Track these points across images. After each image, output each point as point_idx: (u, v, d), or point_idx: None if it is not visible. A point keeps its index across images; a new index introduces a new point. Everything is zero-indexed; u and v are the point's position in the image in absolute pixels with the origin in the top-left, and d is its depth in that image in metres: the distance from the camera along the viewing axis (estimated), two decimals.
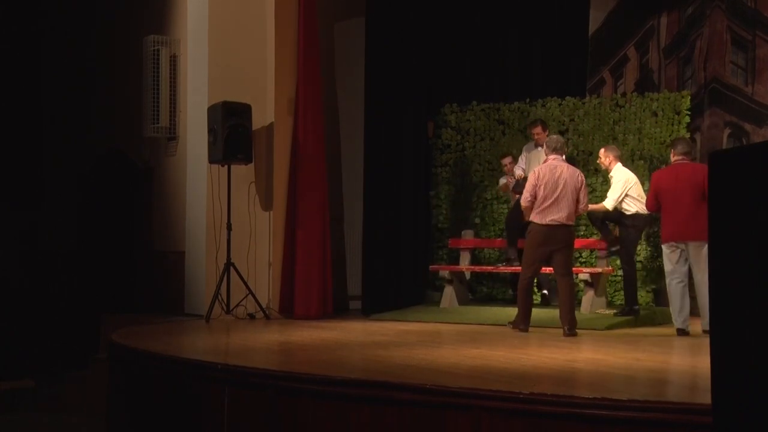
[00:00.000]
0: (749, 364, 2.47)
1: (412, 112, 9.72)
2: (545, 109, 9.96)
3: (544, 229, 7.00)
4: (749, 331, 2.47)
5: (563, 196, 7.00)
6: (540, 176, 7.07)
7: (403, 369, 5.04)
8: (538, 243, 7.07)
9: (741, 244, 2.51)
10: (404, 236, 9.51)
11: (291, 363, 5.65)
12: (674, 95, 9.45)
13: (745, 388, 2.46)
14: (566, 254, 7.11)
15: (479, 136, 10.24)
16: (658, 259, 8.90)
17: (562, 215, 6.99)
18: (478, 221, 10.06)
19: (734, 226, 2.54)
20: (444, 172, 10.28)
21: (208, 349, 6.44)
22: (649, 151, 9.36)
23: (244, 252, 8.54)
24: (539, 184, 7.05)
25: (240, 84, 8.62)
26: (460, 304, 9.08)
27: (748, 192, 2.49)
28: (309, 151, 8.75)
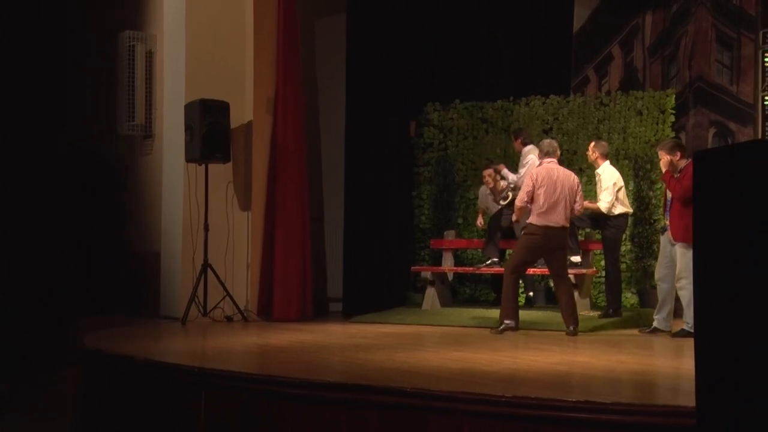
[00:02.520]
0: (734, 365, 2.50)
1: (394, 110, 9.73)
2: (529, 107, 10.00)
3: (544, 231, 7.08)
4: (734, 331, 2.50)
5: (561, 198, 7.09)
6: (538, 179, 7.16)
7: (384, 372, 5.04)
8: (537, 246, 7.13)
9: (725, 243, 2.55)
10: (386, 237, 9.53)
11: (269, 366, 5.64)
12: (659, 94, 9.51)
13: (729, 390, 2.47)
14: (563, 255, 7.22)
15: (462, 134, 10.25)
16: (644, 260, 9.01)
17: (561, 217, 7.08)
18: (460, 221, 10.08)
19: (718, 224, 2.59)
20: (426, 172, 10.29)
21: (184, 352, 6.40)
22: (634, 150, 9.41)
23: (222, 253, 8.52)
24: (537, 186, 7.12)
25: (218, 81, 8.58)
26: (442, 305, 9.09)
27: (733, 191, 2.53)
28: (288, 150, 8.73)
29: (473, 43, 10.40)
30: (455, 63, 10.41)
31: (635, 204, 9.04)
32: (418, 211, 10.26)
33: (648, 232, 9.07)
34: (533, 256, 7.33)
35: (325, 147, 9.90)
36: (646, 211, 9.12)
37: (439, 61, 10.34)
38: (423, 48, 10.12)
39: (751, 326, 2.43)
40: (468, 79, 10.39)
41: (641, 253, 9.11)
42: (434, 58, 10.30)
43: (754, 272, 2.43)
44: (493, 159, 9.65)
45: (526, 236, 7.23)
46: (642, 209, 9.08)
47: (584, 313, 8.26)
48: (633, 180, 9.11)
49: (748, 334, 2.45)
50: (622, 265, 9.20)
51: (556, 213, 7.08)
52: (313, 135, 9.67)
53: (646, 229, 9.09)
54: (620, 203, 8.07)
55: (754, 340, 2.41)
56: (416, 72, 10.05)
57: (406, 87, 9.87)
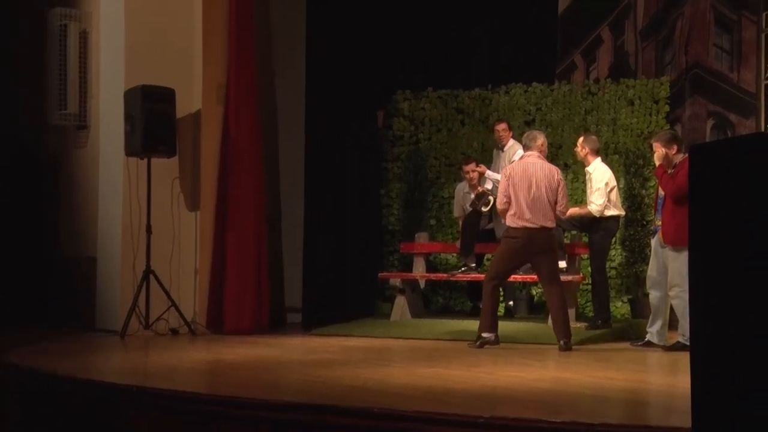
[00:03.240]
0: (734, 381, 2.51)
1: (360, 99, 9.75)
2: (509, 96, 10.04)
3: (522, 233, 7.11)
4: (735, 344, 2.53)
5: (537, 196, 7.10)
6: (512, 176, 7.18)
7: (349, 391, 5.04)
8: (517, 250, 7.15)
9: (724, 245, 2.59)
10: (350, 240, 9.54)
11: (220, 385, 5.61)
12: (652, 82, 9.59)
13: (728, 410, 2.50)
14: (551, 260, 7.20)
15: (435, 126, 10.28)
16: (635, 265, 9.11)
17: (539, 217, 7.09)
18: (433, 223, 10.12)
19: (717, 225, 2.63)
20: (395, 167, 10.31)
21: (123, 369, 6.36)
22: (625, 144, 9.49)
23: (167, 258, 8.48)
24: (511, 184, 7.16)
25: (162, 66, 8.52)
26: (413, 316, 9.11)
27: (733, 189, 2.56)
28: (242, 143, 8.71)
29: (447, 26, 10.44)
30: (428, 47, 10.45)
31: (626, 203, 9.11)
32: (386, 211, 10.27)
33: (640, 235, 9.16)
34: (514, 262, 7.35)
35: (283, 140, 9.86)
36: (638, 212, 9.20)
37: (409, 45, 10.37)
38: (392, 31, 10.15)
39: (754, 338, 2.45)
40: (442, 64, 10.44)
41: (632, 258, 9.19)
42: (404, 42, 10.33)
43: (757, 278, 2.45)
44: (470, 154, 9.71)
45: (505, 240, 7.27)
46: (633, 209, 9.16)
47: (571, 323, 8.29)
48: (624, 177, 9.18)
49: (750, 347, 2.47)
50: (612, 272, 9.30)
51: (534, 212, 7.10)
52: (270, 126, 9.63)
53: (638, 231, 9.18)
54: (612, 205, 8.14)
55: (757, 353, 2.43)
56: (384, 57, 10.07)
57: (373, 74, 9.89)
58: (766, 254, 2.45)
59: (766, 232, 2.46)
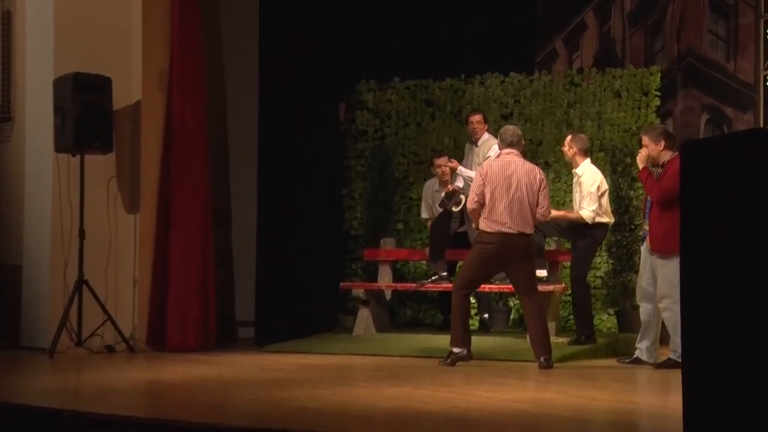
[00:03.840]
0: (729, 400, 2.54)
1: (320, 90, 9.73)
2: (484, 87, 10.03)
3: (496, 238, 7.11)
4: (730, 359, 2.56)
5: (517, 198, 7.12)
6: (488, 174, 7.16)
7: (305, 413, 5.03)
8: (490, 257, 7.16)
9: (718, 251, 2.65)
10: (309, 246, 9.52)
11: (162, 408, 5.58)
12: (641, 72, 9.61)
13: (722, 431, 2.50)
14: (528, 268, 7.23)
15: (403, 120, 10.26)
16: (622, 274, 9.16)
17: (518, 221, 7.11)
18: (401, 227, 10.11)
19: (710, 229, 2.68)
20: (359, 165, 10.29)
21: (52, 392, 6.30)
22: (611, 140, 9.50)
23: (102, 266, 8.42)
24: (487, 182, 7.14)
25: (96, 51, 8.46)
26: (378, 330, 9.11)
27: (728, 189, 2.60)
28: (187, 137, 8.67)
29: (416, 10, 10.43)
30: (394, 33, 10.41)
31: (613, 206, 9.05)
32: (348, 213, 10.25)
33: (628, 240, 9.19)
34: (486, 270, 7.36)
35: (234, 135, 9.84)
36: (626, 215, 9.23)
37: (374, 31, 10.32)
38: (355, 15, 10.12)
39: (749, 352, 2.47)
40: (410, 52, 10.41)
41: (619, 266, 9.23)
42: (368, 28, 10.28)
43: (755, 285, 2.48)
44: (442, 150, 9.69)
45: (477, 246, 7.29)
46: (621, 212, 9.18)
47: (552, 339, 8.29)
48: (610, 177, 9.19)
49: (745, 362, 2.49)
50: (597, 281, 9.35)
51: (512, 216, 7.11)
52: (219, 119, 9.60)
53: (626, 236, 9.21)
54: (603, 212, 8.20)
55: (753, 369, 2.45)
56: (347, 43, 10.03)
57: (334, 62, 9.87)
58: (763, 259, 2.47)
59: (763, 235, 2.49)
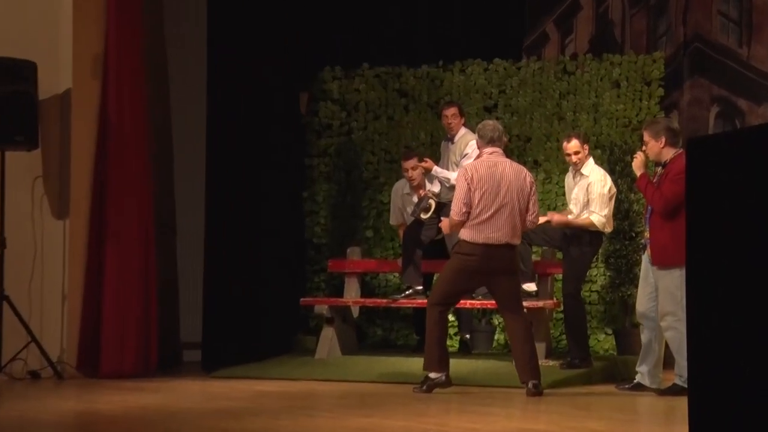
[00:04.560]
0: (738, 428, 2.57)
1: (277, 79, 9.72)
2: (465, 75, 10.04)
3: (481, 249, 7.06)
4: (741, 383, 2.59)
5: (507, 204, 7.09)
6: (475, 178, 7.08)
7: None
8: (471, 270, 7.12)
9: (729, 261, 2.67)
10: (265, 257, 9.51)
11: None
12: (643, 59, 9.63)
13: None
14: (514, 282, 7.25)
15: (372, 112, 10.27)
16: (621, 288, 9.19)
17: (506, 231, 7.09)
18: (370, 234, 10.12)
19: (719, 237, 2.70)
20: (322, 165, 10.28)
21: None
22: (609, 136, 9.53)
23: (25, 279, 8.34)
24: (474, 188, 7.07)
25: (19, 32, 8.38)
26: (344, 353, 9.10)
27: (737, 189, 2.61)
28: (126, 131, 8.61)
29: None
30: (363, 13, 10.45)
31: None
32: (310, 219, 10.24)
33: (628, 250, 9.21)
34: (466, 285, 7.32)
35: (179, 131, 9.77)
36: (626, 221, 9.23)
37: (340, 11, 10.37)
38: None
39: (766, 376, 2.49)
40: (381, 35, 10.45)
41: (618, 279, 9.23)
42: (334, 6, 10.33)
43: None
44: (413, 146, 9.65)
45: (456, 257, 7.23)
46: (620, 218, 9.17)
47: (541, 362, 8.25)
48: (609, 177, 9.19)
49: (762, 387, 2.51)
50: (592, 296, 9.37)
51: (499, 225, 7.07)
52: (162, 113, 9.55)
53: (626, 245, 9.22)
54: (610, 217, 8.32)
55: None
56: (308, 25, 10.04)
57: (294, 46, 9.87)
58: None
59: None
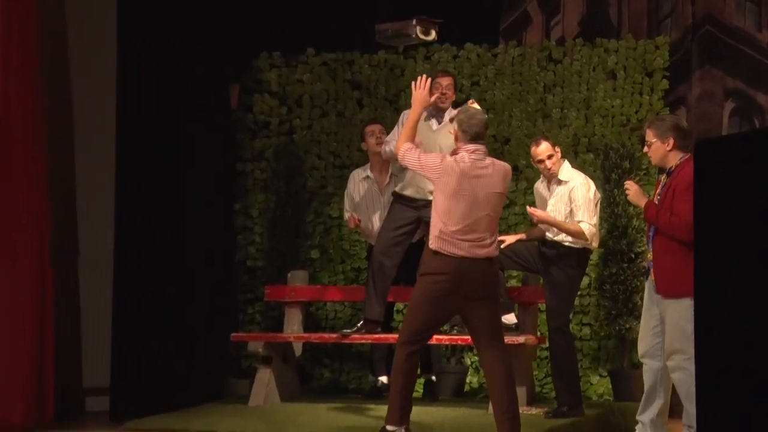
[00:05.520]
0: None
1: (203, 67, 9.68)
2: (430, 63, 10.06)
3: (453, 266, 6.92)
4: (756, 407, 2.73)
5: (486, 209, 6.99)
6: (449, 170, 6.90)
7: None
8: (440, 294, 6.95)
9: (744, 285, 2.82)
10: (186, 284, 9.46)
11: None
12: (644, 45, 9.69)
13: None
14: (492, 309, 7.11)
15: (319, 108, 10.28)
16: (619, 320, 9.14)
17: (486, 243, 6.99)
18: (316, 256, 10.11)
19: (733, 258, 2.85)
20: (257, 171, 10.29)
21: None
22: (603, 137, 9.56)
23: None
24: (450, 192, 6.89)
25: None
26: (283, 399, 9.01)
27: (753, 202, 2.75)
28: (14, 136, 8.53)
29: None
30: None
31: (603, 227, 9.13)
32: (243, 237, 10.24)
33: (626, 275, 9.18)
34: (439, 314, 7.10)
35: (82, 133, 9.72)
36: (623, 239, 9.22)
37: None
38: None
39: None
40: (329, 15, 10.38)
41: (615, 310, 9.18)
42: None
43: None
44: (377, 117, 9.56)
45: (423, 279, 7.04)
46: (616, 236, 9.20)
47: (523, 410, 8.08)
48: (602, 187, 9.20)
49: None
50: (584, 329, 9.37)
51: (478, 235, 6.94)
52: (61, 114, 9.50)
53: (624, 269, 9.19)
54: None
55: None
56: (241, 4, 10.03)
57: (223, 28, 9.85)
58: None
59: None
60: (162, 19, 9.36)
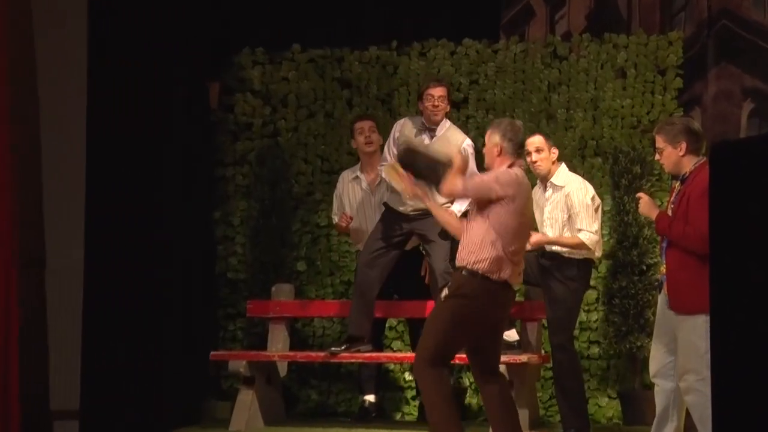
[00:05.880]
0: None
1: (179, 64, 9.67)
2: (426, 60, 10.07)
3: (496, 290, 6.98)
4: None
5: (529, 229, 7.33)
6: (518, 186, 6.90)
7: None
8: (476, 317, 6.97)
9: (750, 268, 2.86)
10: (163, 297, 9.43)
11: None
12: (656, 40, 9.69)
13: None
14: (500, 337, 7.36)
15: (305, 108, 10.28)
16: (629, 337, 9.09)
17: (520, 268, 7.16)
18: (302, 268, 10.09)
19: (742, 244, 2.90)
20: (239, 176, 10.29)
21: None
22: (612, 139, 9.56)
23: None
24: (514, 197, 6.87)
25: None
26: (267, 423, 9.03)
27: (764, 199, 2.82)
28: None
29: None
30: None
31: (613, 237, 9.15)
32: (224, 248, 10.23)
33: (637, 288, 9.12)
34: (468, 337, 7.09)
35: (50, 138, 9.63)
36: (634, 250, 9.16)
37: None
38: None
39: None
40: (316, 9, 10.38)
41: (625, 326, 9.12)
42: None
43: None
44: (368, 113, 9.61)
45: (457, 301, 7.01)
46: (627, 246, 9.14)
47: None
48: (610, 193, 9.25)
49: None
50: (593, 348, 9.32)
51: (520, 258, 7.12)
52: (27, 116, 9.45)
53: (635, 282, 9.14)
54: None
55: None
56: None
57: (202, 23, 9.87)
58: None
59: None
60: (136, 13, 9.36)
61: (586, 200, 8.11)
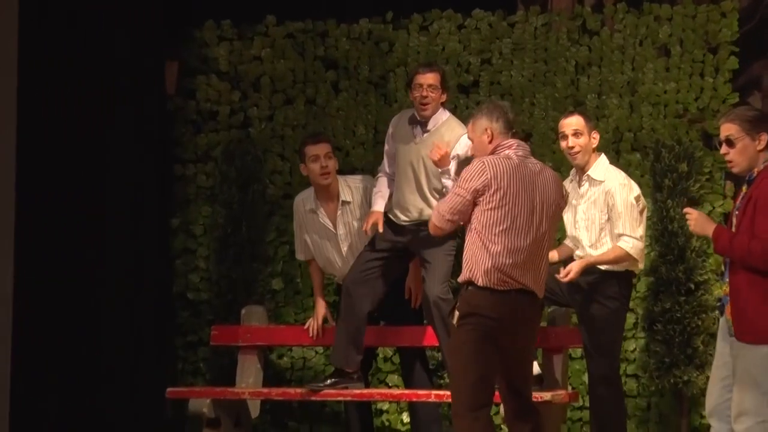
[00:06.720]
0: None
1: (127, 41, 9.77)
2: (428, 36, 10.03)
3: (510, 304, 6.97)
4: None
5: (543, 228, 7.10)
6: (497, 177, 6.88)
7: None
8: (491, 338, 6.94)
9: None
10: (108, 324, 9.51)
11: None
12: (706, 11, 9.60)
13: None
14: (530, 362, 7.38)
15: (282, 93, 10.26)
16: (674, 370, 8.98)
17: (538, 272, 7.10)
18: (278, 287, 10.11)
19: None
20: (202, 175, 10.26)
21: None
22: (653, 131, 9.53)
23: None
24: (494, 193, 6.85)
25: None
26: None
27: None
28: None
29: None
30: None
31: (654, 249, 9.10)
32: (183, 262, 10.21)
33: (684, 311, 9.05)
34: (495, 363, 7.05)
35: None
36: (679, 265, 9.11)
37: None
38: None
39: None
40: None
41: (670, 357, 9.05)
42: None
43: None
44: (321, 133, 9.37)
45: (467, 322, 6.99)
46: (671, 261, 9.10)
47: None
48: (651, 195, 9.17)
49: None
50: (630, 382, 9.32)
51: (533, 263, 7.04)
52: None
53: (681, 303, 9.07)
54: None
55: None
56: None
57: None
58: None
59: None
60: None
61: (630, 199, 7.97)
